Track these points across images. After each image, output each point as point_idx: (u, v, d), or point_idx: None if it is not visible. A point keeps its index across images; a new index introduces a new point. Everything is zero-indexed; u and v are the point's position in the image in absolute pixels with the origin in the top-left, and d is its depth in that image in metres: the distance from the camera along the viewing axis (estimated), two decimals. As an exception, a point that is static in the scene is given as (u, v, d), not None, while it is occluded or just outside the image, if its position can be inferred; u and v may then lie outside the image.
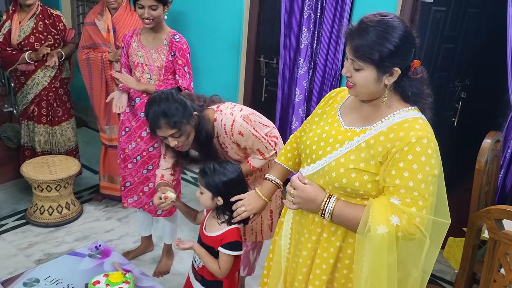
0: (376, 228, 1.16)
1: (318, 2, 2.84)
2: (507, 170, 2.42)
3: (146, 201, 2.50)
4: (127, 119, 2.44)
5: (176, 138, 1.74)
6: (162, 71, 2.33)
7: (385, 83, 1.21)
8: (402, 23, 1.19)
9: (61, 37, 3.20)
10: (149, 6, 2.18)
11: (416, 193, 1.17)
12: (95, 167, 3.72)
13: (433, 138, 1.21)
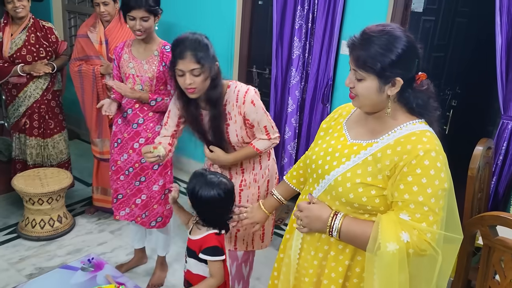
0: (386, 246, 1.13)
1: (309, 12, 2.87)
2: (499, 177, 2.43)
3: (138, 213, 2.48)
4: (119, 131, 2.43)
5: (194, 77, 1.73)
6: (153, 81, 2.33)
7: (387, 94, 1.20)
8: (404, 34, 1.19)
9: (53, 49, 3.19)
10: (140, 17, 2.19)
11: (426, 208, 1.15)
12: (88, 179, 3.69)
13: (441, 151, 1.20)
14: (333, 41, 2.84)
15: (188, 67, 1.72)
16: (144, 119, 2.37)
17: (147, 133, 2.38)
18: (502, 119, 2.36)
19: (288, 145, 3.16)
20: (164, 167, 2.45)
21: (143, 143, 2.37)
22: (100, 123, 3.08)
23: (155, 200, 2.45)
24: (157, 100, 2.33)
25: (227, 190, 1.66)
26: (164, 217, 2.50)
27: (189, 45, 1.72)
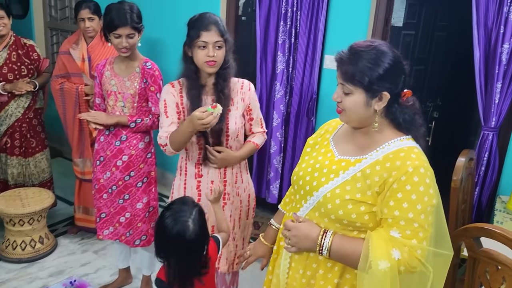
0: (377, 264, 1.12)
1: (292, 28, 2.90)
2: (481, 187, 2.46)
3: (122, 231, 2.43)
4: (101, 149, 2.40)
5: (217, 50, 1.79)
6: (135, 98, 2.32)
7: (374, 108, 1.21)
8: (391, 49, 1.21)
9: (35, 67, 3.16)
10: (126, 35, 2.20)
11: (416, 224, 1.15)
12: (70, 198, 3.62)
13: (429, 167, 1.20)
14: (316, 55, 2.87)
15: (213, 39, 1.78)
16: (127, 136, 2.35)
17: (130, 150, 2.35)
18: (483, 130, 2.40)
19: (274, 159, 3.16)
20: (148, 184, 2.43)
21: (126, 161, 2.35)
22: (82, 143, 3.03)
23: (139, 218, 2.41)
24: (136, 122, 2.31)
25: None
26: (148, 235, 2.46)
27: (212, 18, 1.81)
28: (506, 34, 2.23)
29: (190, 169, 1.99)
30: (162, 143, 1.87)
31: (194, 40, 1.79)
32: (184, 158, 2.01)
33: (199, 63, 1.83)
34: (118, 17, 2.17)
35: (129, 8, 2.21)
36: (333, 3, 2.84)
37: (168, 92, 1.91)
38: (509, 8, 2.20)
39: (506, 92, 2.30)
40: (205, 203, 1.95)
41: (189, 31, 1.84)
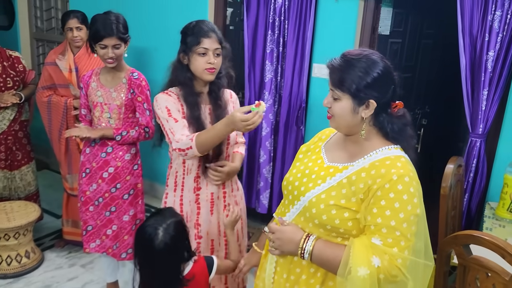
0: (357, 270, 1.13)
1: (279, 37, 2.91)
2: (471, 194, 2.47)
3: (109, 244, 2.39)
4: (87, 160, 2.36)
5: (216, 57, 1.78)
6: (122, 109, 2.30)
7: (361, 116, 1.23)
8: (382, 60, 1.24)
9: (21, 79, 3.12)
10: (112, 45, 2.19)
11: (398, 233, 1.15)
12: (57, 211, 3.57)
13: (415, 177, 1.21)
14: (304, 64, 2.88)
15: (213, 46, 1.77)
16: (113, 148, 2.32)
17: (116, 161, 2.32)
18: (471, 137, 2.42)
19: (263, 169, 3.14)
20: (135, 196, 2.40)
21: (112, 172, 2.32)
22: (69, 158, 2.98)
23: (126, 231, 2.38)
24: (122, 134, 2.29)
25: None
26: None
27: (211, 26, 1.80)
28: (491, 42, 2.26)
29: (188, 183, 1.91)
30: (183, 147, 1.73)
31: (194, 47, 1.76)
32: (180, 172, 1.92)
33: (198, 70, 1.79)
34: (104, 27, 2.16)
35: (115, 18, 2.20)
36: (321, 12, 2.85)
37: (168, 100, 1.83)
38: (493, 17, 2.23)
39: (493, 99, 2.32)
40: (205, 218, 1.93)
41: (186, 38, 1.80)
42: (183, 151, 1.74)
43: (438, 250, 1.73)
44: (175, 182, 1.95)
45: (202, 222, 1.93)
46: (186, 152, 1.74)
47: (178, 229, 1.52)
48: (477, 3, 2.27)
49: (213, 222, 1.95)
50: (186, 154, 1.76)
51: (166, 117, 1.79)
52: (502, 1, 2.20)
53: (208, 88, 1.88)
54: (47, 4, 4.51)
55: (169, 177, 1.98)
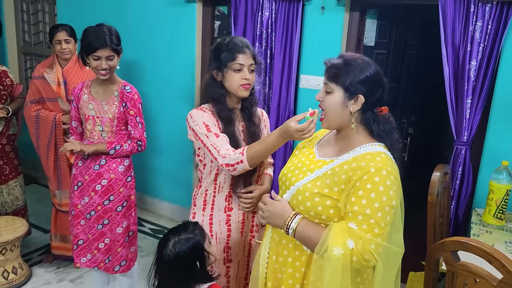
0: (332, 249, 1.22)
1: (267, 49, 2.94)
2: (457, 201, 2.51)
3: (101, 258, 2.37)
4: (79, 173, 2.35)
5: (251, 73, 1.76)
6: (114, 122, 2.29)
7: (350, 110, 1.35)
8: (374, 64, 1.38)
9: (8, 93, 3.10)
10: (106, 56, 2.18)
11: (373, 220, 1.24)
12: (45, 226, 3.53)
13: (393, 171, 1.30)
14: (292, 75, 2.91)
15: (248, 62, 1.74)
16: (106, 160, 2.31)
17: (109, 174, 2.32)
18: (456, 145, 2.46)
19: (253, 180, 3.15)
20: (128, 208, 2.39)
21: (106, 185, 2.31)
22: (58, 173, 2.96)
23: (119, 243, 2.36)
24: (115, 148, 2.29)
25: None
26: (128, 260, 2.40)
27: (245, 41, 1.77)
28: (473, 52, 2.32)
29: (219, 202, 1.85)
30: (232, 161, 1.65)
31: (229, 63, 1.72)
32: (210, 190, 1.85)
33: (233, 87, 1.75)
34: (97, 39, 2.16)
35: (108, 30, 2.21)
36: (307, 25, 2.90)
37: (203, 115, 1.77)
38: (474, 27, 2.29)
39: (476, 107, 2.37)
40: (235, 240, 1.88)
41: (220, 54, 1.75)
42: (232, 166, 1.66)
43: (427, 257, 1.75)
44: (204, 201, 1.87)
45: (232, 245, 1.89)
46: (236, 167, 1.66)
47: (190, 248, 1.51)
48: (459, 15, 2.33)
49: (241, 243, 1.92)
50: (235, 169, 1.67)
51: (205, 133, 1.72)
52: (483, 12, 2.26)
53: (241, 105, 1.84)
54: (35, 18, 4.52)
55: (196, 196, 1.91)
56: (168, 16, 3.50)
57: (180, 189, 3.82)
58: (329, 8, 2.81)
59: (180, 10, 3.43)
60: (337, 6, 2.78)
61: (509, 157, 2.28)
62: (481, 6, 2.26)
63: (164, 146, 3.76)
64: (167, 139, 3.73)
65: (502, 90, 2.36)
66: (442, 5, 2.37)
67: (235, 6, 3.02)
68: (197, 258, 1.54)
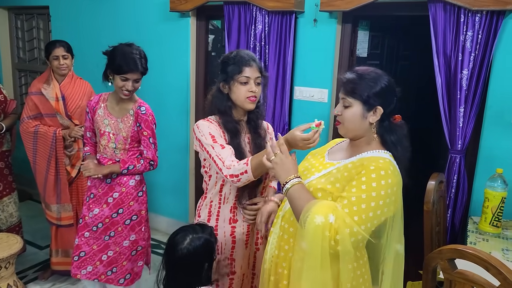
0: (314, 217, 1.27)
1: (261, 61, 2.96)
2: (453, 209, 2.51)
3: (102, 270, 2.37)
4: (93, 185, 2.38)
5: (257, 85, 1.78)
6: (127, 140, 2.32)
7: (369, 121, 1.41)
8: (387, 75, 1.44)
9: (2, 109, 3.09)
10: (134, 79, 2.22)
11: (355, 208, 1.29)
12: (40, 242, 3.49)
13: (393, 176, 1.34)
14: (286, 87, 2.93)
15: (254, 75, 1.77)
16: (117, 174, 2.35)
17: (121, 187, 2.36)
18: (450, 154, 2.47)
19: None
20: (138, 223, 2.41)
21: (116, 198, 2.35)
22: (58, 187, 2.94)
23: (125, 257, 2.38)
24: (129, 168, 2.32)
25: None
26: (133, 274, 2.42)
27: (251, 55, 1.80)
28: (465, 61, 2.34)
29: (224, 213, 1.86)
30: (236, 172, 1.65)
31: (236, 76, 1.75)
32: (215, 202, 1.86)
33: (239, 99, 1.77)
34: (128, 62, 2.17)
35: (139, 53, 2.23)
36: (300, 37, 2.93)
37: (210, 126, 1.79)
38: (465, 37, 2.32)
39: (469, 116, 2.39)
40: (239, 252, 1.88)
41: (226, 67, 1.78)
42: (236, 176, 1.66)
43: (424, 266, 1.74)
44: (209, 212, 1.87)
45: (236, 257, 1.89)
46: (240, 178, 1.66)
47: (206, 248, 1.57)
48: (449, 25, 2.36)
49: (245, 255, 1.91)
50: (240, 180, 1.67)
51: (211, 143, 1.74)
52: (473, 22, 2.29)
53: (247, 117, 1.86)
54: (29, 35, 4.53)
55: (201, 208, 1.92)
56: (162, 30, 3.53)
57: (176, 204, 3.80)
58: (322, 21, 2.84)
59: (174, 25, 3.46)
60: (329, 18, 2.82)
61: (503, 165, 2.29)
62: (471, 16, 2.30)
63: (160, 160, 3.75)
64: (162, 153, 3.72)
65: (495, 98, 2.38)
66: (433, 16, 2.40)
67: (228, 20, 3.05)
68: (208, 260, 1.60)
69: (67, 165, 2.92)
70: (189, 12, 3.34)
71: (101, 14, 3.82)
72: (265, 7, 2.84)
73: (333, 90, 2.89)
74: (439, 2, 2.36)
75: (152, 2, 3.52)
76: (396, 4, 2.63)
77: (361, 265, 1.44)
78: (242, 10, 2.98)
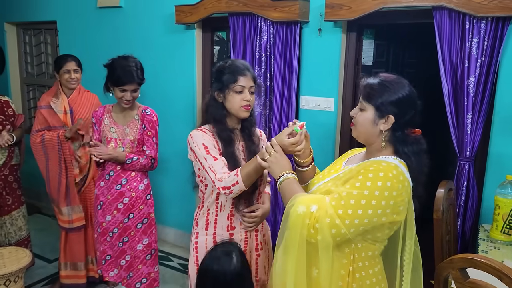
0: (298, 206, 1.34)
1: (266, 71, 2.97)
2: (464, 217, 2.48)
3: (124, 275, 2.48)
4: (101, 194, 2.48)
5: (251, 94, 1.80)
6: (135, 143, 2.47)
7: (380, 129, 1.40)
8: (409, 86, 1.42)
9: (10, 123, 3.13)
10: (132, 90, 2.36)
11: (343, 202, 1.30)
12: (49, 255, 3.50)
13: (393, 180, 1.31)
14: (292, 97, 2.93)
15: (249, 84, 1.79)
16: (127, 179, 2.45)
17: (131, 192, 2.45)
18: (459, 161, 2.45)
19: (256, 202, 3.13)
20: (149, 225, 2.52)
21: (127, 203, 2.44)
22: (68, 190, 2.97)
23: (140, 260, 2.48)
24: (133, 159, 2.42)
25: None
26: (149, 279, 2.51)
27: (246, 64, 1.83)
28: (471, 68, 2.33)
29: (221, 220, 1.86)
30: (228, 184, 1.67)
31: (231, 85, 1.76)
32: (212, 210, 1.87)
33: (234, 108, 1.79)
34: (125, 74, 2.32)
35: (135, 65, 2.37)
36: (305, 46, 2.94)
37: (203, 136, 1.81)
38: (470, 43, 2.32)
39: (477, 122, 2.37)
40: None
41: (221, 76, 1.79)
42: (228, 188, 1.68)
43: (436, 275, 1.72)
44: (206, 220, 1.88)
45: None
46: (232, 189, 1.68)
47: (246, 261, 1.64)
48: (455, 32, 2.36)
49: None
50: (232, 191, 1.68)
51: (204, 155, 1.75)
52: (478, 28, 2.29)
53: (241, 125, 1.89)
54: (37, 50, 4.59)
55: (198, 216, 1.92)
56: (168, 43, 3.56)
57: (184, 214, 3.80)
58: (326, 30, 2.85)
59: (180, 37, 3.49)
60: (334, 27, 2.83)
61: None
62: (476, 23, 2.29)
63: (166, 169, 3.76)
64: (168, 162, 3.73)
65: (502, 104, 2.37)
66: (438, 23, 2.40)
67: (234, 31, 3.07)
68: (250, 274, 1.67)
69: (75, 168, 2.96)
70: (195, 24, 3.37)
71: (107, 28, 3.86)
72: (270, 17, 2.86)
73: (339, 99, 2.89)
74: (444, 9, 2.36)
75: (158, 15, 3.56)
76: (401, 12, 2.63)
77: (377, 272, 1.43)
78: (247, 21, 3.00)
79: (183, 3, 3.30)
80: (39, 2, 4.26)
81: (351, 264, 1.40)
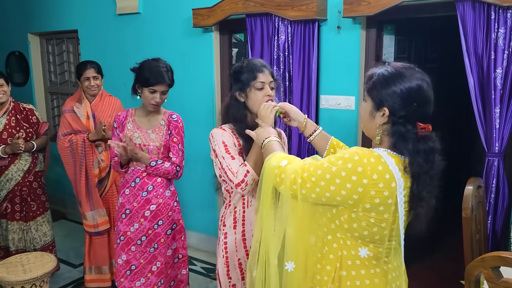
0: (272, 161, 1.44)
1: (285, 72, 2.94)
2: (494, 216, 2.38)
3: (155, 281, 2.42)
4: (127, 201, 2.40)
5: (271, 89, 1.82)
6: (161, 150, 2.40)
7: (377, 122, 1.32)
8: (416, 78, 1.29)
9: (34, 130, 3.19)
10: (161, 91, 2.31)
11: (312, 168, 1.32)
12: (74, 260, 3.54)
13: (365, 167, 1.23)
14: (311, 96, 2.89)
15: (268, 79, 1.81)
16: (153, 186, 2.39)
17: (157, 199, 2.40)
18: (487, 157, 2.35)
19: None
20: (178, 231, 2.50)
21: (154, 210, 2.39)
22: (90, 194, 3.01)
23: (169, 265, 2.46)
24: (157, 162, 2.35)
25: None
26: (176, 281, 2.51)
27: (262, 61, 1.85)
28: (498, 59, 2.24)
29: (250, 216, 1.86)
30: (241, 177, 1.71)
31: (252, 82, 1.78)
32: (239, 207, 1.87)
33: (257, 104, 1.78)
34: (156, 74, 2.27)
35: (165, 66, 2.33)
36: (324, 44, 2.89)
37: (223, 134, 1.83)
38: (497, 34, 2.23)
39: (506, 116, 2.27)
40: None
41: (240, 76, 1.81)
42: (243, 182, 1.72)
43: (466, 276, 1.65)
44: (234, 219, 1.88)
45: None
46: (246, 181, 1.71)
47: None
48: (479, 23, 2.28)
49: None
50: (247, 184, 1.72)
51: (223, 154, 1.79)
52: (505, 18, 2.20)
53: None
54: (60, 59, 4.69)
55: (225, 216, 1.91)
56: (186, 46, 3.57)
57: (206, 218, 3.79)
58: (345, 27, 2.80)
59: (198, 40, 3.50)
60: (353, 24, 2.77)
61: (546, 166, 2.16)
62: (502, 13, 2.20)
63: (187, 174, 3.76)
64: (189, 165, 3.73)
65: (532, 97, 2.26)
66: (461, 15, 2.32)
67: (251, 32, 3.05)
68: None
69: (94, 168, 3.00)
70: (212, 27, 3.37)
71: (127, 34, 3.91)
72: (287, 17, 2.83)
73: (359, 97, 2.83)
74: (467, 0, 2.28)
75: (175, 19, 3.58)
76: (422, 6, 2.56)
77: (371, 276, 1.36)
78: (264, 21, 2.98)
79: (200, 6, 3.31)
80: (61, 12, 4.36)
81: (338, 260, 1.35)
